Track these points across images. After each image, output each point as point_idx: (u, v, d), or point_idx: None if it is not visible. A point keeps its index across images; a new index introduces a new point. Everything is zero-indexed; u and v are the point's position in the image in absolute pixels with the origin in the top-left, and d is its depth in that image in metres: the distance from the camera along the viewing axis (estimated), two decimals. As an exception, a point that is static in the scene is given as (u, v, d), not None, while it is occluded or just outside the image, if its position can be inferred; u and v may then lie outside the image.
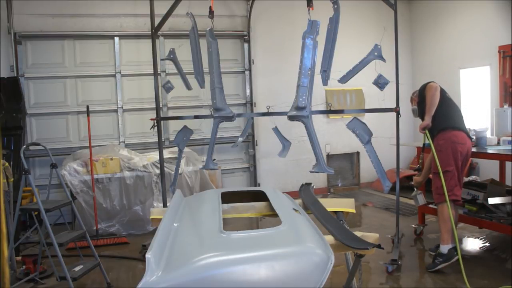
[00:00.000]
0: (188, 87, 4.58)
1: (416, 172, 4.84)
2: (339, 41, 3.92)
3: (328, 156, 7.82)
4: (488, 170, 6.46)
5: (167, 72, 6.83)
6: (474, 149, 4.38)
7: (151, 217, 2.95)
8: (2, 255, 1.29)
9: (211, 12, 4.46)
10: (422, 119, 4.18)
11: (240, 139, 4.75)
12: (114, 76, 6.68)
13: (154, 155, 5.86)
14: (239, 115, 4.77)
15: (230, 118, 4.37)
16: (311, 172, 4.14)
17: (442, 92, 4.14)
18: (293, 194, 3.17)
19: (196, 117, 5.12)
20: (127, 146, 6.62)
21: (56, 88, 6.43)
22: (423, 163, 4.66)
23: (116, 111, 6.71)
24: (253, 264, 1.77)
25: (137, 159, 5.85)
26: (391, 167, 6.87)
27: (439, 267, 3.89)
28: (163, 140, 5.51)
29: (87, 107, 5.51)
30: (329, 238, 2.18)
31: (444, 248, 3.91)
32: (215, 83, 4.26)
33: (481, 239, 4.87)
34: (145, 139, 6.68)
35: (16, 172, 5.37)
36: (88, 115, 5.44)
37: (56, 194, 5.95)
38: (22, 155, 3.80)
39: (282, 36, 7.31)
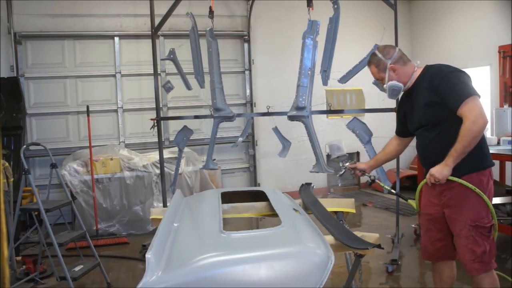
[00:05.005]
0: (188, 87, 4.58)
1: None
2: (339, 41, 3.92)
3: (328, 156, 7.81)
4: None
5: (167, 72, 6.83)
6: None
7: (151, 217, 2.95)
8: (2, 255, 1.29)
9: (211, 12, 4.46)
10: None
11: (240, 139, 4.75)
12: (114, 76, 6.68)
13: (154, 155, 5.86)
14: (239, 115, 4.77)
15: (230, 118, 4.37)
16: (311, 172, 4.14)
17: None
18: (293, 194, 3.17)
19: (196, 117, 5.12)
20: (127, 146, 6.61)
21: (56, 88, 6.43)
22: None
23: (116, 111, 6.71)
24: (253, 264, 1.77)
25: (137, 159, 5.84)
26: (391, 167, 6.86)
27: None
28: (163, 140, 5.51)
29: (87, 107, 5.51)
30: (329, 238, 2.18)
31: None
32: (215, 83, 4.26)
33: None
34: (145, 139, 6.68)
35: (16, 172, 5.37)
36: (88, 115, 5.44)
37: (56, 194, 5.94)
38: (22, 155, 3.80)
39: (282, 36, 7.31)
